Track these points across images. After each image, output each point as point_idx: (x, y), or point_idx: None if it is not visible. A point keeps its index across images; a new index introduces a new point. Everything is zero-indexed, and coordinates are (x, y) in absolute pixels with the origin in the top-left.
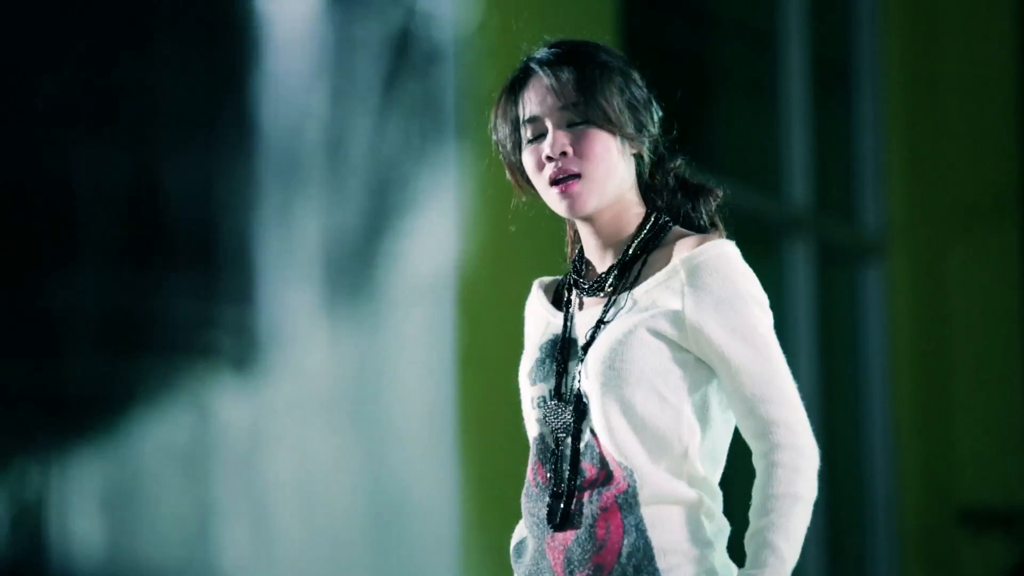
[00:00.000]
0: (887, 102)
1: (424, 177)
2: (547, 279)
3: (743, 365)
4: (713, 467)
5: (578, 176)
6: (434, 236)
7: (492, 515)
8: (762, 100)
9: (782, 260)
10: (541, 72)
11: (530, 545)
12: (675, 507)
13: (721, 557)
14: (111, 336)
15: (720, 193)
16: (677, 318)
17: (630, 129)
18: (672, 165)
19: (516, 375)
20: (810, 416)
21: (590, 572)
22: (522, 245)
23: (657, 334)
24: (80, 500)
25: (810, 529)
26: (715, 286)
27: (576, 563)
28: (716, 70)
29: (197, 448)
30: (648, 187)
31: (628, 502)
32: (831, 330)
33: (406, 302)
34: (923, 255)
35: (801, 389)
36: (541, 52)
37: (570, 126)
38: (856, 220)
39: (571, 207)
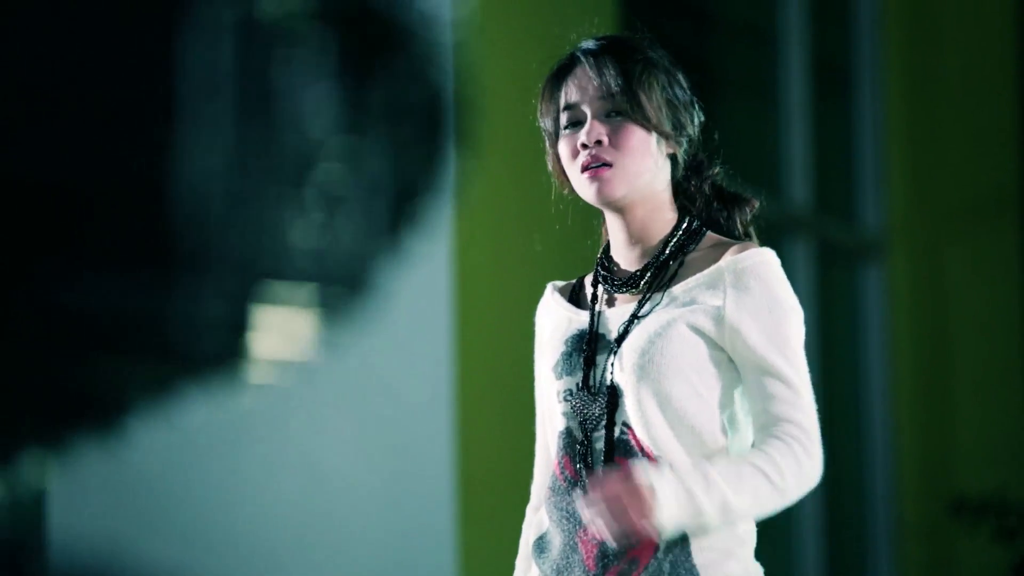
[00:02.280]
0: (887, 102)
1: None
2: (560, 283)
3: (771, 370)
4: None
5: (610, 165)
6: (433, 237)
7: (489, 514)
8: (762, 100)
9: (782, 260)
10: (585, 61)
11: (557, 540)
12: None
13: (752, 555)
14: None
15: (756, 203)
16: (717, 315)
17: (667, 127)
18: (710, 172)
19: (515, 374)
20: None
21: (625, 566)
22: (521, 246)
23: (696, 329)
24: (84, 500)
25: (810, 525)
26: (757, 291)
27: (611, 556)
28: (716, 70)
29: (196, 447)
30: (683, 192)
31: None
32: (831, 330)
33: (405, 303)
34: (923, 255)
35: None
36: (588, 43)
37: (608, 116)
38: (856, 220)
39: (599, 190)
